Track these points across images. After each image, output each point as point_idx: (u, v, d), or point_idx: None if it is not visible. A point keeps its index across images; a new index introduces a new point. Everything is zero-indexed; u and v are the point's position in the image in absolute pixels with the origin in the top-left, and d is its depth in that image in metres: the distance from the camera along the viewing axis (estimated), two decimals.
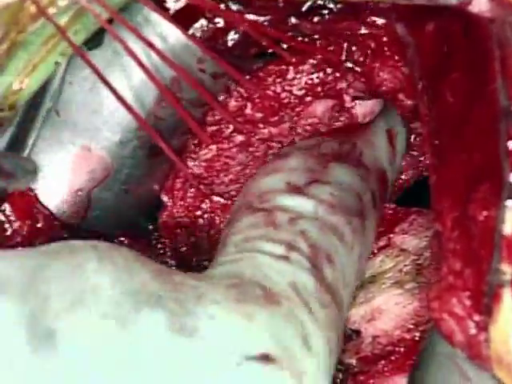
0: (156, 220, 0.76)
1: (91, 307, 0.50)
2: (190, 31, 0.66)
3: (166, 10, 0.65)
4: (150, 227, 0.76)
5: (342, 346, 0.63)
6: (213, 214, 0.76)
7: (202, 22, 0.66)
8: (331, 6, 0.68)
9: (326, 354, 0.58)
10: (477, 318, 0.54)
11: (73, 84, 0.66)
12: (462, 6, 0.55)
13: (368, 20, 0.68)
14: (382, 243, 0.75)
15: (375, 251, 0.75)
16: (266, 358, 0.53)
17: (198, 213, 0.75)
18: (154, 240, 0.76)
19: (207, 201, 0.75)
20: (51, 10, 0.59)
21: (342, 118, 0.72)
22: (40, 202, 0.68)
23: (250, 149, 0.72)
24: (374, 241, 0.73)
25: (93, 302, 0.50)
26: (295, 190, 0.66)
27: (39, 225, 0.69)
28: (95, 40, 0.65)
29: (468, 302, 0.54)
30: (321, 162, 0.69)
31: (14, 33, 0.60)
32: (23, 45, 0.60)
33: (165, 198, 0.74)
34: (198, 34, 0.66)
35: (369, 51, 0.70)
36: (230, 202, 0.75)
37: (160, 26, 0.64)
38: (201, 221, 0.76)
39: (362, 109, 0.72)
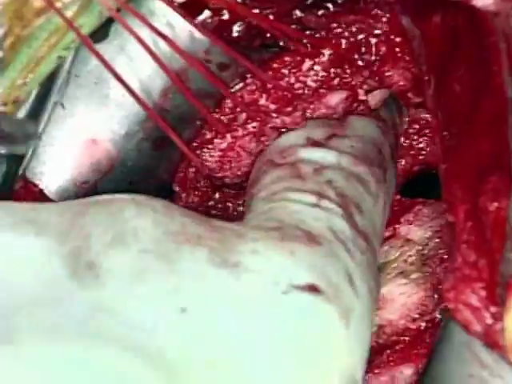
0: None
1: (131, 244, 0.50)
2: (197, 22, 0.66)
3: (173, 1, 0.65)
4: None
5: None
6: (226, 203, 0.75)
7: (207, 13, 0.66)
8: None
9: (370, 301, 0.57)
10: (493, 308, 0.54)
11: (78, 77, 0.66)
12: None
13: (373, 13, 0.68)
14: (387, 233, 0.75)
15: None
16: (313, 289, 0.52)
17: (211, 203, 0.75)
18: None
19: (219, 192, 0.75)
20: (57, 5, 0.59)
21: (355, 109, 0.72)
22: (45, 197, 0.68)
23: (262, 138, 0.72)
24: (393, 194, 0.72)
25: (133, 240, 0.50)
26: (316, 143, 0.66)
27: None
28: (100, 33, 0.64)
29: (483, 293, 0.55)
30: (339, 118, 0.69)
31: (19, 28, 0.59)
32: (27, 40, 0.60)
33: (177, 189, 0.74)
34: (206, 25, 0.66)
35: (379, 53, 0.70)
36: (242, 192, 0.74)
37: (165, 18, 0.64)
38: (214, 211, 0.75)
39: (373, 101, 0.73)
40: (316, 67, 0.70)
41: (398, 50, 0.70)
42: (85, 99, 0.66)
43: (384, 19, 0.68)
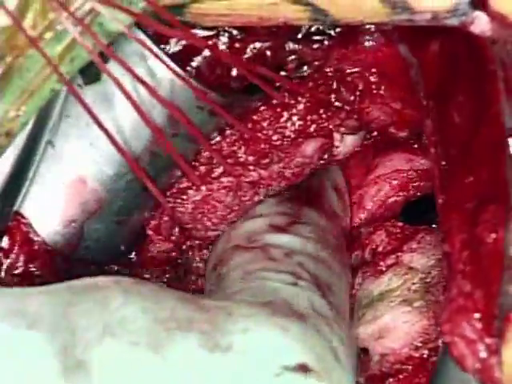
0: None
1: (120, 337, 0.50)
2: (194, 63, 0.66)
3: (163, 47, 0.65)
4: (135, 258, 0.76)
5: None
6: (190, 255, 0.76)
7: (206, 53, 0.66)
8: (329, 31, 0.68)
9: (352, 369, 0.59)
10: (488, 340, 0.54)
11: (70, 117, 0.66)
12: (463, 26, 0.55)
13: (366, 45, 0.69)
14: (390, 261, 0.76)
15: (383, 269, 0.76)
16: (304, 369, 0.53)
17: (177, 253, 0.76)
18: (142, 271, 0.75)
19: (188, 242, 0.76)
20: (48, 35, 0.58)
21: (325, 156, 0.73)
22: (33, 229, 0.68)
23: (239, 192, 0.73)
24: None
25: (122, 331, 0.51)
26: (279, 229, 0.69)
27: (35, 247, 0.68)
28: (92, 75, 0.64)
29: (479, 325, 0.54)
30: (294, 207, 0.72)
31: (11, 57, 0.59)
32: (20, 71, 0.59)
33: (150, 232, 0.74)
34: (202, 66, 0.66)
35: (357, 91, 0.71)
36: (206, 243, 0.75)
37: (156, 64, 0.63)
38: (179, 261, 0.76)
39: (347, 145, 0.74)
40: (293, 117, 0.71)
41: (374, 86, 0.70)
42: (75, 139, 0.66)
43: (377, 53, 0.69)
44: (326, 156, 0.73)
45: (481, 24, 0.54)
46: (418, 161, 0.77)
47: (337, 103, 0.71)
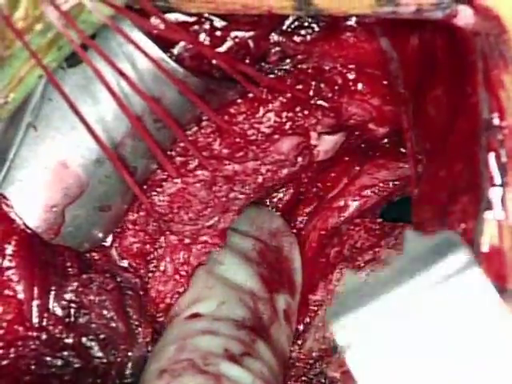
0: None
1: None
2: (176, 49, 0.66)
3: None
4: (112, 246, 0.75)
5: None
6: (163, 253, 0.76)
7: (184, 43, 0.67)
8: (313, 25, 0.69)
9: None
10: None
11: (52, 100, 0.66)
12: (447, 19, 0.55)
13: (348, 41, 0.69)
14: (368, 257, 0.76)
15: (362, 265, 0.76)
16: None
17: (152, 247, 0.76)
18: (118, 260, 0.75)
19: (163, 237, 0.75)
20: (38, 27, 0.59)
21: (303, 157, 0.74)
22: (15, 211, 0.68)
23: (213, 188, 0.73)
24: None
25: None
26: (233, 358, 0.71)
27: (14, 225, 0.68)
28: (77, 57, 0.62)
29: None
30: (249, 335, 0.73)
31: (1, 48, 0.60)
32: (9, 60, 0.60)
33: (127, 222, 0.74)
34: (184, 52, 0.66)
35: (336, 87, 0.71)
36: (180, 244, 0.75)
37: (134, 55, 0.63)
38: (152, 256, 0.76)
39: (325, 145, 0.74)
40: (269, 114, 0.71)
41: (352, 83, 0.71)
42: (57, 123, 0.66)
43: (358, 49, 0.69)
44: (304, 156, 0.73)
45: (465, 17, 0.54)
46: (404, 168, 0.77)
47: (314, 101, 0.71)
